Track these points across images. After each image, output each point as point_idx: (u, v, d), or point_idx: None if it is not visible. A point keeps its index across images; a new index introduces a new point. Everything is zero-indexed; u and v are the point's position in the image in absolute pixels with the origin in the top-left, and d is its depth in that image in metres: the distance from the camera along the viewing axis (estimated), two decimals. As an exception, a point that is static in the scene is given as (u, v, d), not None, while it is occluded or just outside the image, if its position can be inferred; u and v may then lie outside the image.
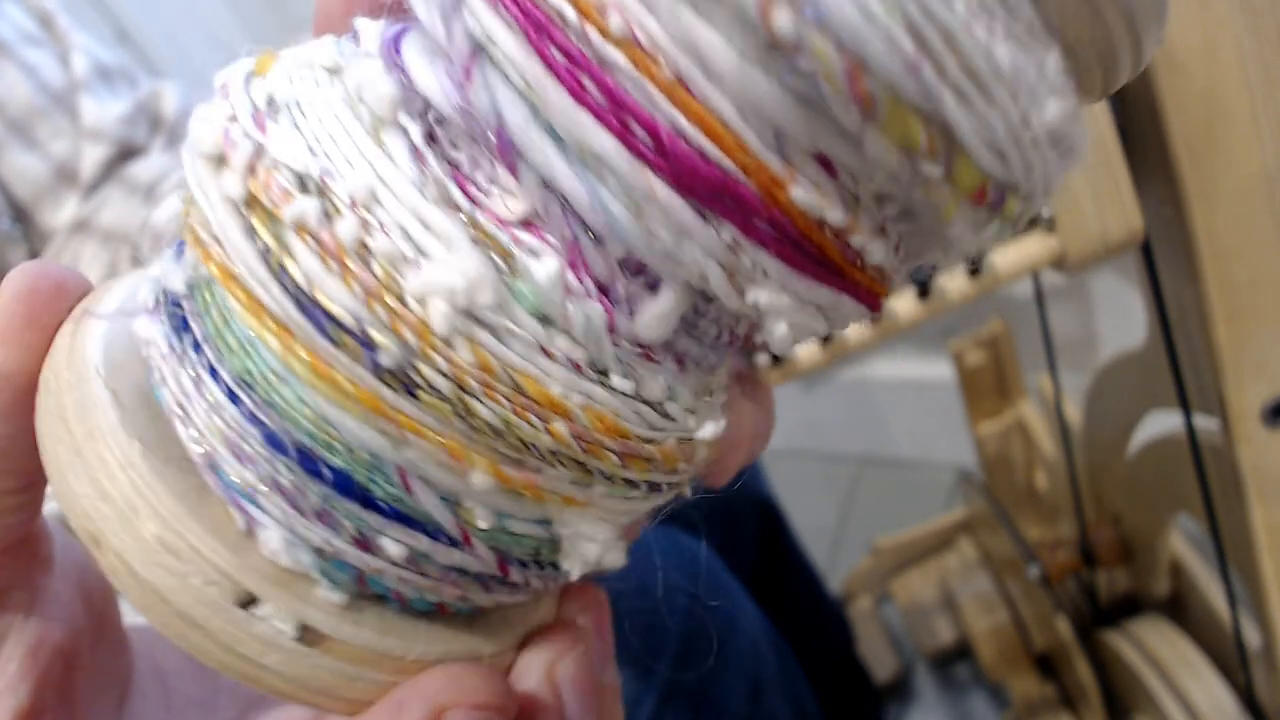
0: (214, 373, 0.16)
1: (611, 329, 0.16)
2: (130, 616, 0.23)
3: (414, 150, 0.16)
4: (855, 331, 0.48)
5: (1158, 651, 0.69)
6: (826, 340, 0.49)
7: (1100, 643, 0.75)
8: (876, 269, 0.17)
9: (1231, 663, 0.64)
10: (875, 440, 1.34)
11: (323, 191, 0.15)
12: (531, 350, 0.16)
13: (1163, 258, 0.48)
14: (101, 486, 0.16)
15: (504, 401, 0.15)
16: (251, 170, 0.16)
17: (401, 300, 0.15)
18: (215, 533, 0.16)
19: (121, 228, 0.50)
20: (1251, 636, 0.61)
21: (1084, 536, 0.75)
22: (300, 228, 0.15)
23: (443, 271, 0.15)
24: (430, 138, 0.16)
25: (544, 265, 0.16)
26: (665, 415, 0.17)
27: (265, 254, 0.15)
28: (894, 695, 1.05)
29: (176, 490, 0.16)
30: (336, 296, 0.15)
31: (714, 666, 0.51)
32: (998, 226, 0.17)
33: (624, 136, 0.14)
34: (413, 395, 0.15)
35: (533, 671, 0.20)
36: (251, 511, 0.16)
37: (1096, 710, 0.77)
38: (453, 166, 0.16)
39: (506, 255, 0.16)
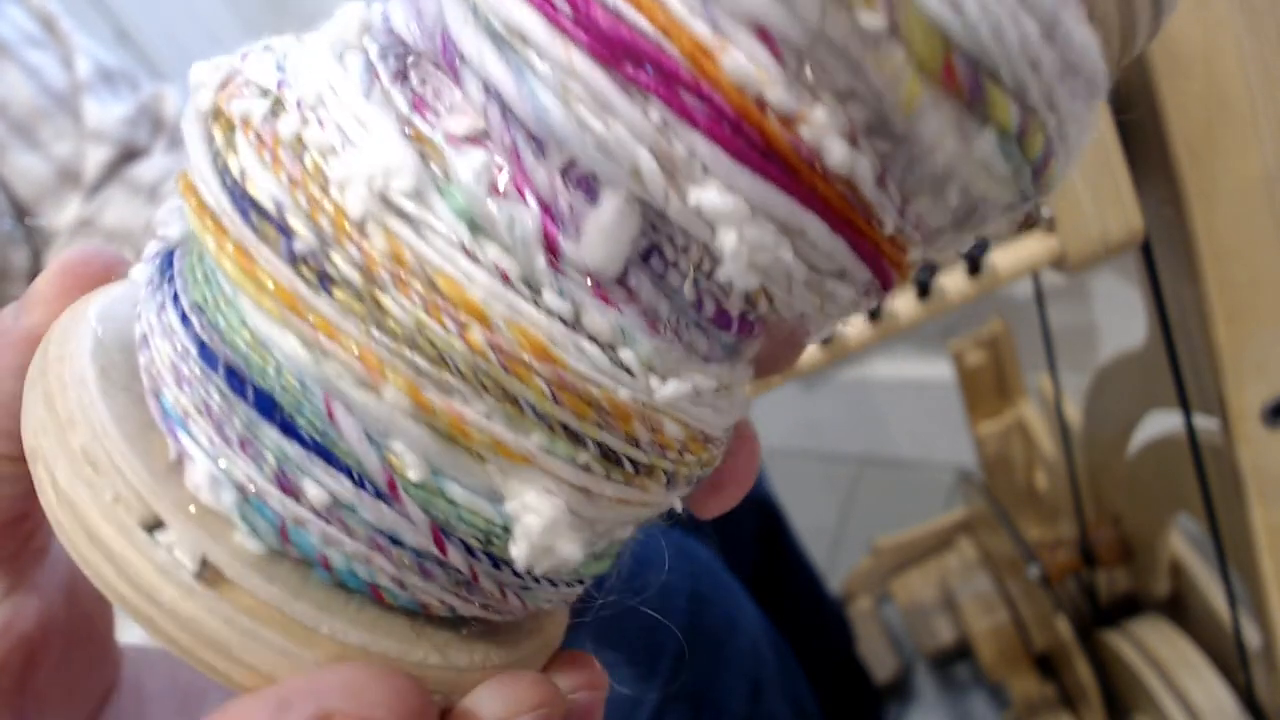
0: (176, 299, 0.16)
1: (553, 248, 0.15)
2: (125, 635, 0.23)
3: (369, 66, 0.16)
4: (855, 331, 0.48)
5: (1158, 651, 0.69)
6: (826, 340, 0.49)
7: (1100, 643, 0.75)
8: (855, 193, 0.15)
9: (1231, 663, 0.64)
10: (875, 440, 1.34)
11: (277, 99, 0.16)
12: (453, 249, 0.15)
13: (1163, 258, 0.48)
14: (52, 403, 0.16)
15: (416, 298, 0.15)
16: (223, 87, 0.16)
17: (325, 189, 0.15)
18: (142, 456, 0.16)
19: (124, 228, 0.51)
20: (1251, 636, 0.61)
21: (1084, 536, 0.75)
22: (245, 124, 0.16)
23: (364, 157, 0.15)
24: (401, 74, 0.16)
25: (469, 160, 0.15)
26: (615, 361, 0.15)
27: (215, 156, 0.16)
28: (894, 695, 1.05)
29: (117, 413, 0.16)
30: (263, 185, 0.15)
31: (714, 666, 0.51)
32: (996, 143, 0.15)
33: (544, 8, 0.14)
34: (328, 291, 0.15)
35: (485, 709, 0.17)
36: (182, 439, 0.16)
37: (1096, 710, 0.77)
38: (413, 92, 0.16)
39: (436, 152, 0.15)
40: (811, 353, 0.49)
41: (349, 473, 0.16)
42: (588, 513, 0.16)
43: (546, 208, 0.15)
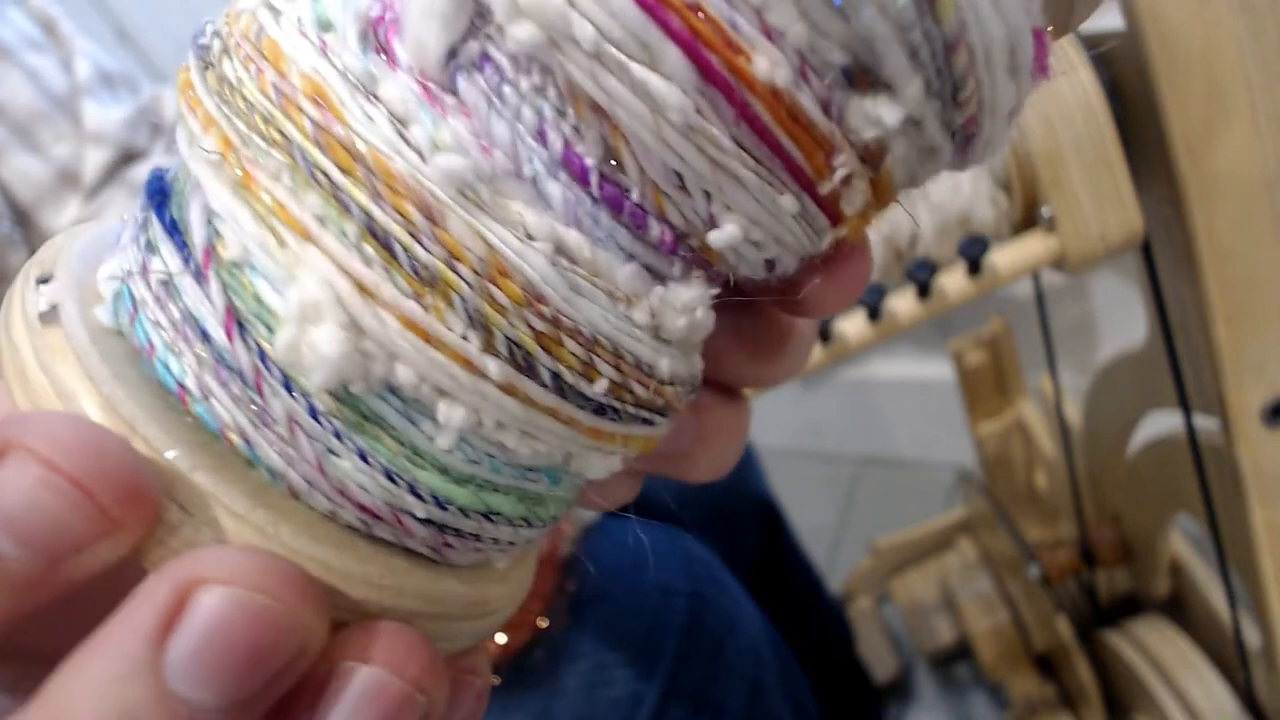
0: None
1: (377, 34, 0.16)
2: None
3: None
4: (855, 331, 0.48)
5: (1158, 651, 0.69)
6: (826, 339, 0.49)
7: (1100, 643, 0.76)
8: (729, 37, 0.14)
9: (1231, 662, 0.64)
10: (875, 440, 1.34)
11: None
12: (289, 26, 0.16)
13: (1163, 258, 0.48)
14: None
15: (243, 61, 0.16)
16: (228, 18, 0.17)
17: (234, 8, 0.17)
18: (82, 256, 0.17)
19: None
20: (1251, 636, 0.61)
21: (1084, 536, 0.75)
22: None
23: None
24: None
25: None
26: (400, 134, 0.15)
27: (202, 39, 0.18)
28: (894, 695, 1.05)
29: (88, 247, 0.18)
30: (208, 29, 0.17)
31: (714, 666, 0.51)
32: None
33: None
34: (204, 71, 0.16)
35: (372, 642, 0.15)
36: (119, 244, 0.18)
37: (1096, 710, 0.77)
38: None
39: None
40: (811, 352, 0.49)
41: (184, 250, 0.16)
42: (367, 320, 0.15)
43: (385, 6, 0.16)
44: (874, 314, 0.48)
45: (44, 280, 0.17)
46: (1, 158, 0.50)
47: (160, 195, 0.16)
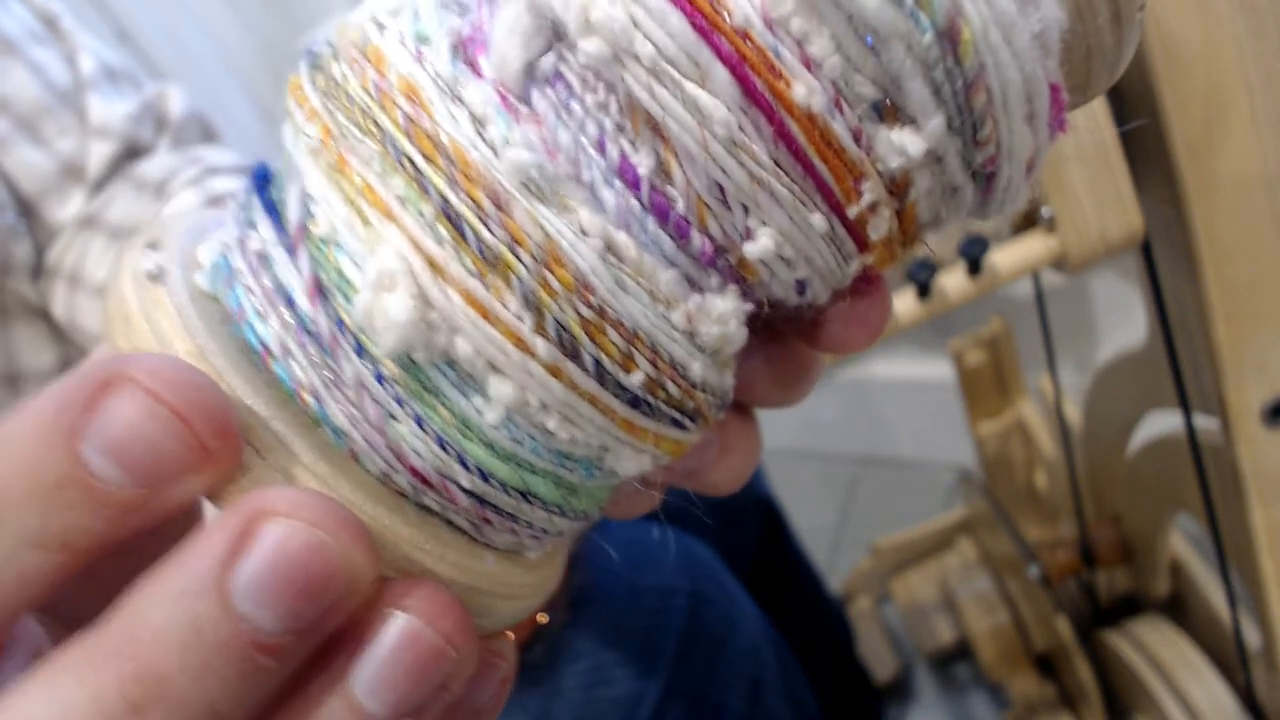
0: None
1: (465, 47, 0.18)
2: None
3: None
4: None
5: (1158, 651, 0.69)
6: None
7: (1100, 643, 0.76)
8: (750, 38, 0.16)
9: (1231, 663, 0.64)
10: (875, 440, 1.34)
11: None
12: (392, 38, 0.18)
13: (1163, 258, 0.48)
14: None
15: (350, 64, 0.18)
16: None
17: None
18: (190, 232, 0.19)
19: (130, 223, 0.51)
20: (1251, 636, 0.61)
21: (1084, 536, 0.75)
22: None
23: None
24: None
25: None
26: (479, 132, 0.17)
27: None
28: (894, 695, 1.05)
29: (194, 225, 0.20)
30: (319, 36, 0.19)
31: (714, 666, 0.51)
32: (922, 24, 0.16)
33: None
34: (313, 75, 0.18)
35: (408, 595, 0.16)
36: (222, 223, 0.20)
37: (1096, 710, 0.77)
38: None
39: None
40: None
41: (279, 226, 0.18)
42: (434, 294, 0.16)
43: (476, 26, 0.18)
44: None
45: (152, 247, 0.19)
46: (5, 150, 0.50)
47: (263, 180, 0.19)
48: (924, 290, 0.47)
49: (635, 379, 0.17)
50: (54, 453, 0.14)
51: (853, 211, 0.17)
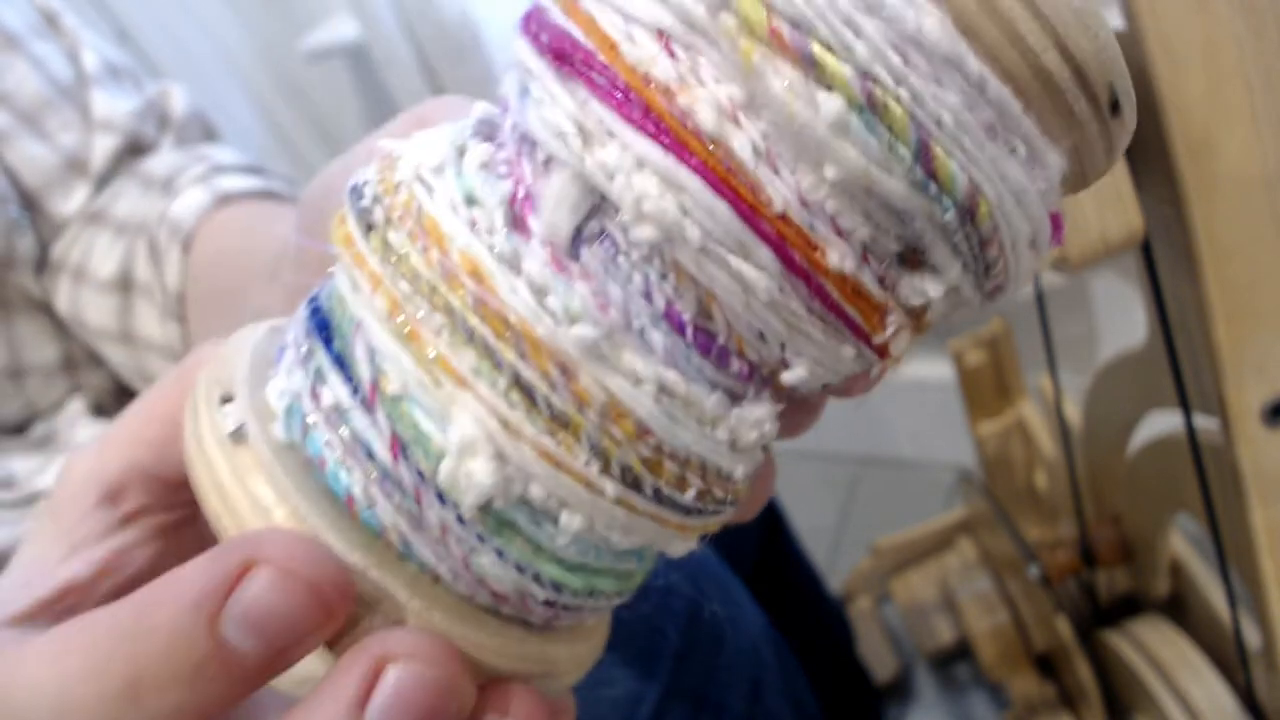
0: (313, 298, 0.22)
1: (518, 216, 0.19)
2: None
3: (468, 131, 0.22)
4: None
5: (1158, 651, 0.69)
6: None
7: (1100, 643, 0.76)
8: (732, 159, 0.18)
9: (1231, 663, 0.64)
10: (875, 440, 1.34)
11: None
12: (446, 205, 0.19)
13: (1163, 258, 0.48)
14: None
15: (407, 233, 0.19)
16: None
17: (392, 177, 0.20)
18: (254, 372, 0.21)
19: (137, 219, 0.51)
20: (1251, 636, 0.61)
21: (1084, 536, 0.75)
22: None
23: (419, 150, 0.20)
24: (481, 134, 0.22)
25: (478, 150, 0.20)
26: (541, 303, 0.18)
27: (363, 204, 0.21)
28: (894, 695, 1.05)
29: (253, 355, 0.21)
30: (365, 178, 0.21)
31: (714, 666, 0.52)
32: (845, 109, 0.17)
33: (531, 39, 0.19)
34: (366, 233, 0.20)
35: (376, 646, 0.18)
36: (280, 363, 0.21)
37: (1096, 710, 0.77)
38: (482, 134, 0.21)
39: (463, 150, 0.20)
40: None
41: (351, 382, 0.19)
42: (511, 452, 0.18)
43: (519, 182, 0.20)
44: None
45: (226, 400, 0.20)
46: (8, 143, 0.49)
47: (324, 330, 0.20)
48: (924, 290, 0.47)
49: (689, 495, 0.20)
50: (197, 637, 0.16)
51: (878, 340, 0.20)
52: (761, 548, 0.80)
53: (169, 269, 0.48)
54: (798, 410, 0.24)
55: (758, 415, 0.20)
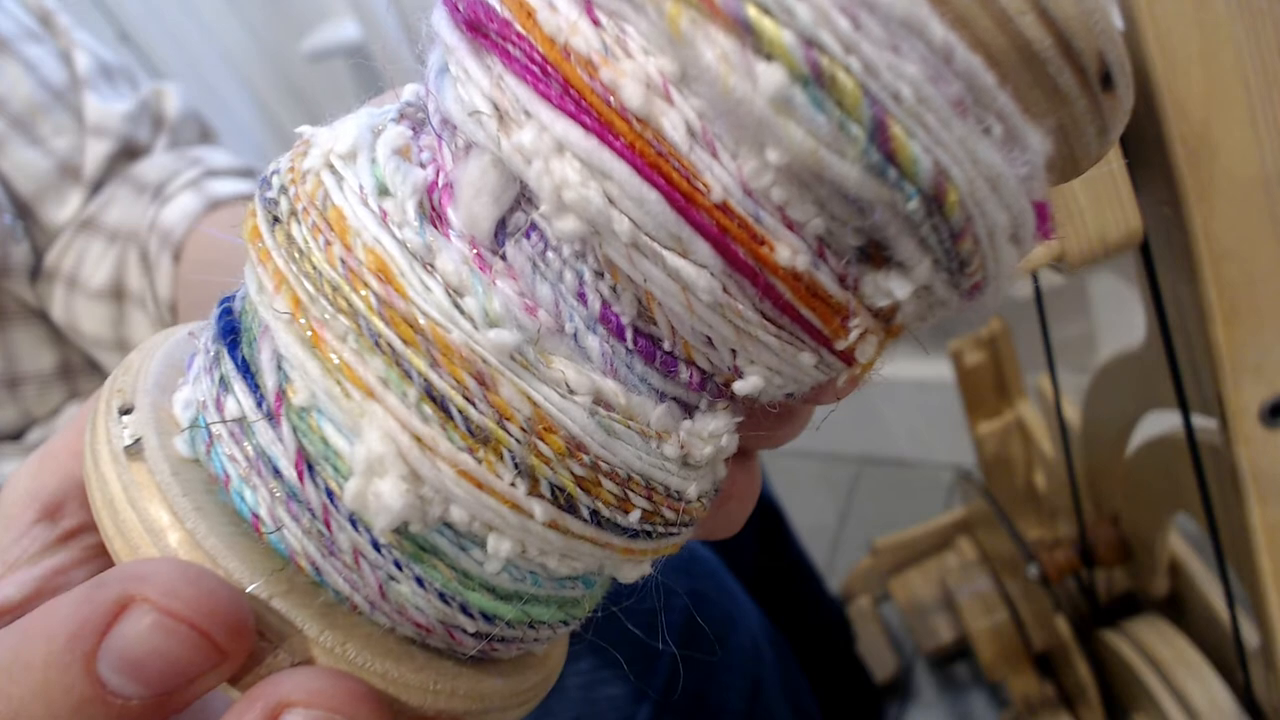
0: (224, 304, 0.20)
1: (434, 205, 0.17)
2: None
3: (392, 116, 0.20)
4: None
5: (1156, 651, 0.69)
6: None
7: (1099, 642, 0.76)
8: (661, 141, 0.15)
9: (1230, 662, 0.64)
10: (875, 440, 1.34)
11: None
12: (354, 196, 0.17)
13: (1161, 258, 0.48)
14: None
15: (310, 226, 0.17)
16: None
17: (306, 155, 0.18)
18: (159, 383, 0.19)
19: (128, 226, 0.50)
20: (1250, 636, 0.61)
21: (1083, 536, 0.75)
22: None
23: (331, 133, 0.18)
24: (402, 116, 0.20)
25: (392, 134, 0.18)
26: (456, 304, 0.16)
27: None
28: (893, 694, 1.05)
29: (164, 369, 0.20)
30: (274, 176, 0.19)
31: (713, 665, 0.52)
32: (788, 81, 0.14)
33: (451, 11, 0.17)
34: (273, 227, 0.18)
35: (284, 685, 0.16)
36: (189, 372, 0.19)
37: (1095, 709, 0.77)
38: (400, 115, 0.19)
39: (379, 134, 0.18)
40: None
41: (256, 391, 0.17)
42: (425, 471, 0.16)
43: (438, 170, 0.17)
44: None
45: (125, 410, 0.18)
46: (2, 150, 0.49)
47: (231, 333, 0.18)
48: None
49: (633, 517, 0.18)
50: (73, 677, 0.15)
51: (841, 345, 0.17)
52: (761, 548, 0.80)
53: (160, 278, 0.48)
54: (777, 421, 0.22)
55: (712, 428, 0.18)
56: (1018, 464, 0.93)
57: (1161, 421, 0.59)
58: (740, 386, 0.18)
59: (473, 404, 0.16)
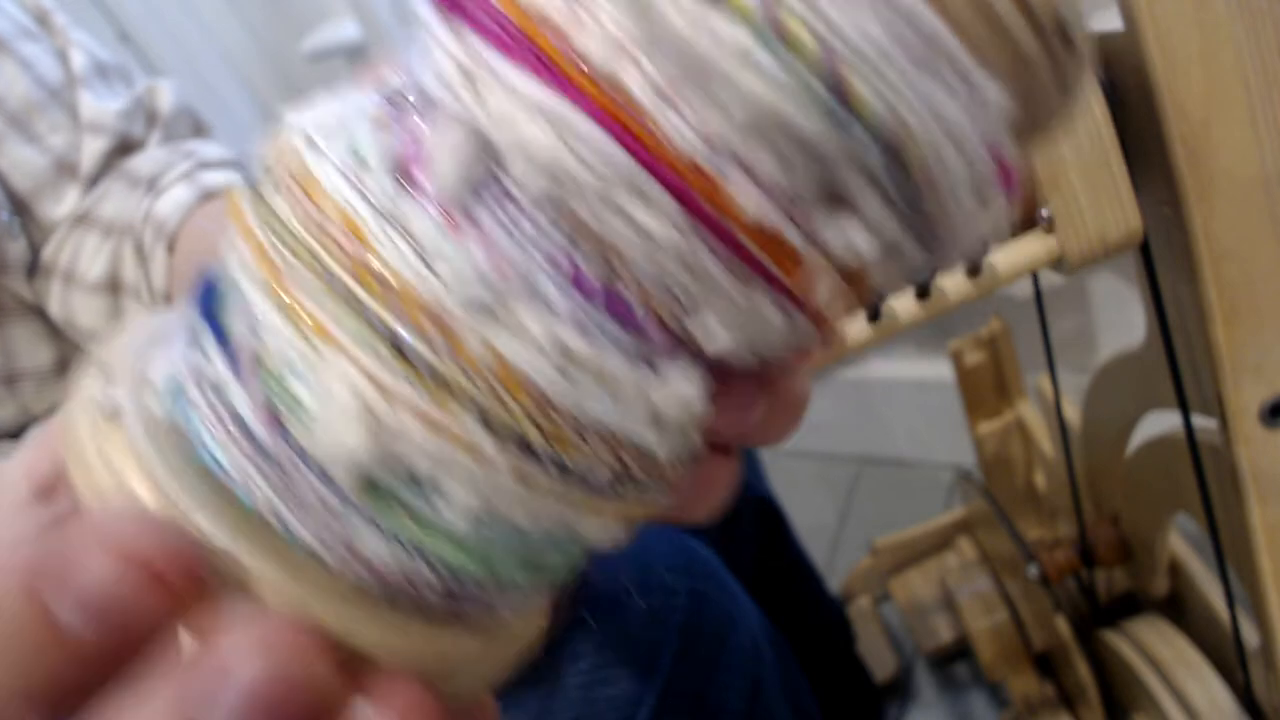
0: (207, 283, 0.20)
1: (404, 169, 0.18)
2: None
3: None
4: (854, 331, 0.48)
5: (1156, 651, 0.69)
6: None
7: (1099, 642, 0.76)
8: (625, 96, 0.16)
9: (1230, 662, 0.64)
10: (875, 440, 1.34)
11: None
12: (329, 163, 0.18)
13: (1161, 258, 0.48)
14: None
15: (288, 194, 0.18)
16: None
17: (291, 133, 0.19)
18: (139, 351, 0.20)
19: (123, 219, 0.50)
20: (1250, 636, 0.61)
21: (1083, 536, 0.75)
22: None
23: (315, 111, 0.19)
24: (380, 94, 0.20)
25: (374, 109, 0.19)
26: (424, 262, 0.17)
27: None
28: (893, 694, 1.05)
29: (150, 339, 0.20)
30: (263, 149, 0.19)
31: (713, 665, 0.52)
32: (739, 24, 0.15)
33: None
34: (253, 196, 0.19)
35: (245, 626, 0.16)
36: (174, 336, 0.20)
37: (1095, 710, 0.77)
38: (378, 94, 0.20)
39: (361, 110, 0.19)
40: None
41: (230, 354, 0.18)
42: (392, 423, 0.17)
43: (413, 138, 0.18)
44: (874, 315, 0.48)
45: (102, 379, 0.19)
46: None
47: (210, 302, 0.19)
48: (923, 291, 0.48)
49: (602, 474, 0.18)
50: (27, 615, 0.15)
51: (805, 298, 0.18)
52: (761, 547, 0.80)
53: (155, 269, 0.48)
54: (777, 410, 0.22)
55: (682, 387, 0.18)
56: (1018, 464, 0.93)
57: (1161, 421, 0.59)
58: (709, 345, 0.18)
59: (440, 359, 0.17)
